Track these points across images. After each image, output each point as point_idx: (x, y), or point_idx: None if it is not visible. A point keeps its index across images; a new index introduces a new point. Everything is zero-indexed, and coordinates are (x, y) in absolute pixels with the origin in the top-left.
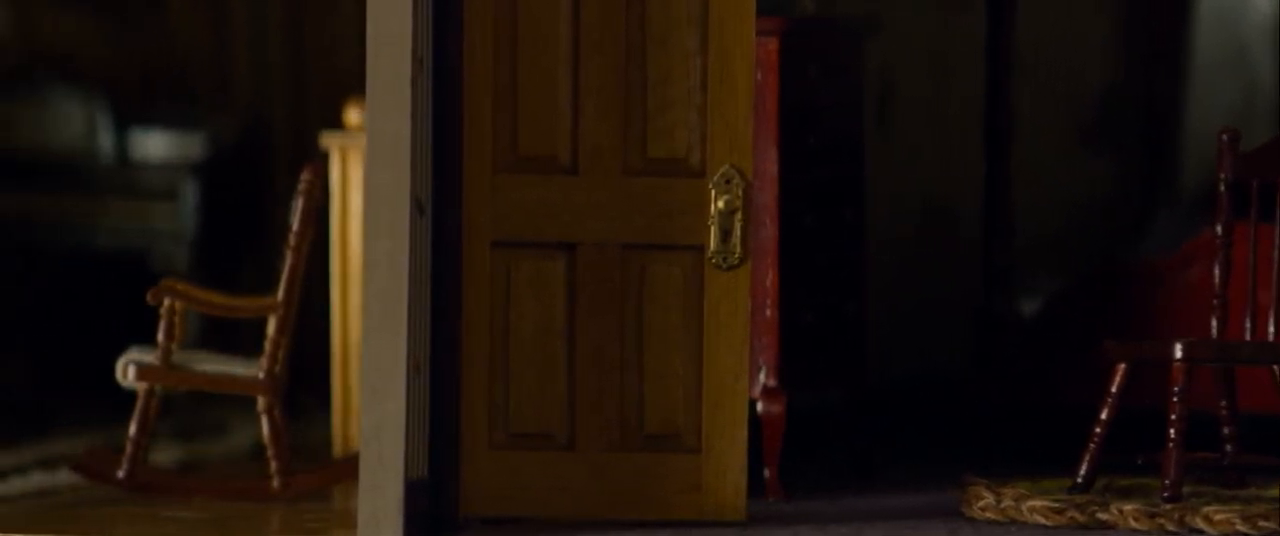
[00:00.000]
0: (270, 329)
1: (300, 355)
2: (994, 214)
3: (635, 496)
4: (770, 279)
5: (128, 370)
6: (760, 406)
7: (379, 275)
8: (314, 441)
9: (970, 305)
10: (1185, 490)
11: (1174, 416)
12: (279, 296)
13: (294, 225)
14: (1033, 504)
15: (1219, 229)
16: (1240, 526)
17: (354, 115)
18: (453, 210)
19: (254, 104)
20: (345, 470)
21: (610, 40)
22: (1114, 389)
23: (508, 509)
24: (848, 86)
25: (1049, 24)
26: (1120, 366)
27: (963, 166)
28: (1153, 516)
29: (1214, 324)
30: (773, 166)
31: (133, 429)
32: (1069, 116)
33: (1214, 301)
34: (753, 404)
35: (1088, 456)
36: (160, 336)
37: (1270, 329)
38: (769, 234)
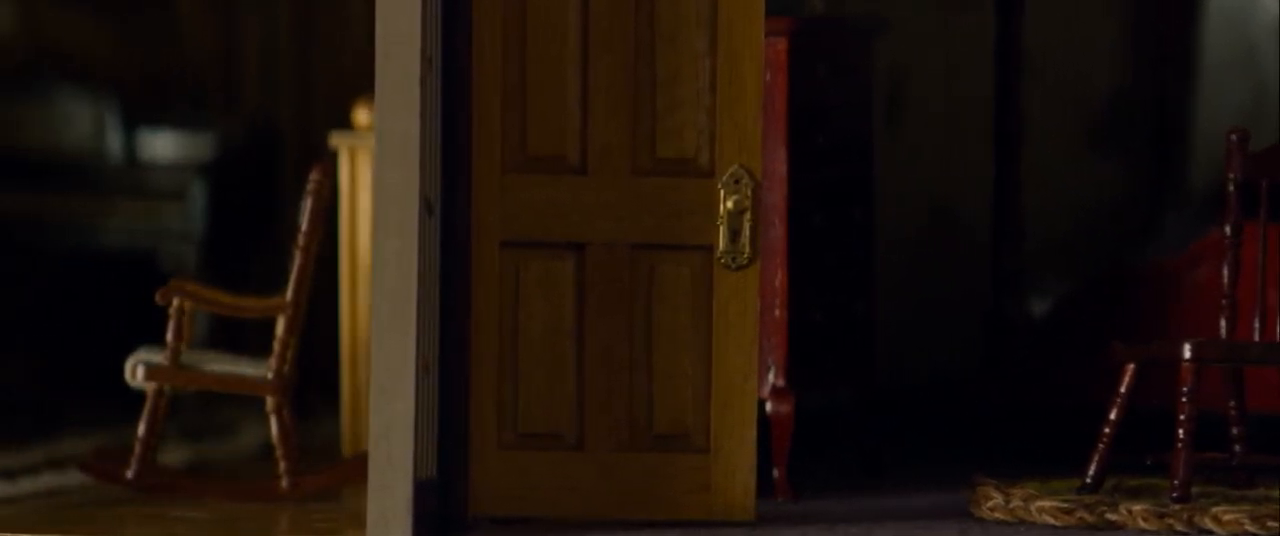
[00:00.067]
0: (279, 329)
1: (309, 355)
2: (1003, 215)
3: (644, 496)
4: (779, 279)
5: (136, 370)
6: (769, 406)
7: (388, 275)
8: (323, 441)
9: (979, 305)
10: (1194, 490)
11: (1183, 417)
12: (288, 296)
13: (303, 225)
14: (1042, 504)
15: (1228, 229)
16: (1249, 526)
17: (363, 115)
18: (462, 210)
19: (263, 104)
20: (354, 470)
21: (619, 40)
22: (1123, 389)
23: (516, 509)
24: (857, 87)
25: (1057, 26)
26: (1129, 367)
27: (972, 167)
28: (1162, 517)
29: (1223, 324)
30: (782, 166)
31: (141, 429)
32: (1078, 118)
33: (1223, 302)
34: (761, 404)
35: (1097, 457)
36: (169, 336)
37: (1279, 329)
38: (778, 234)
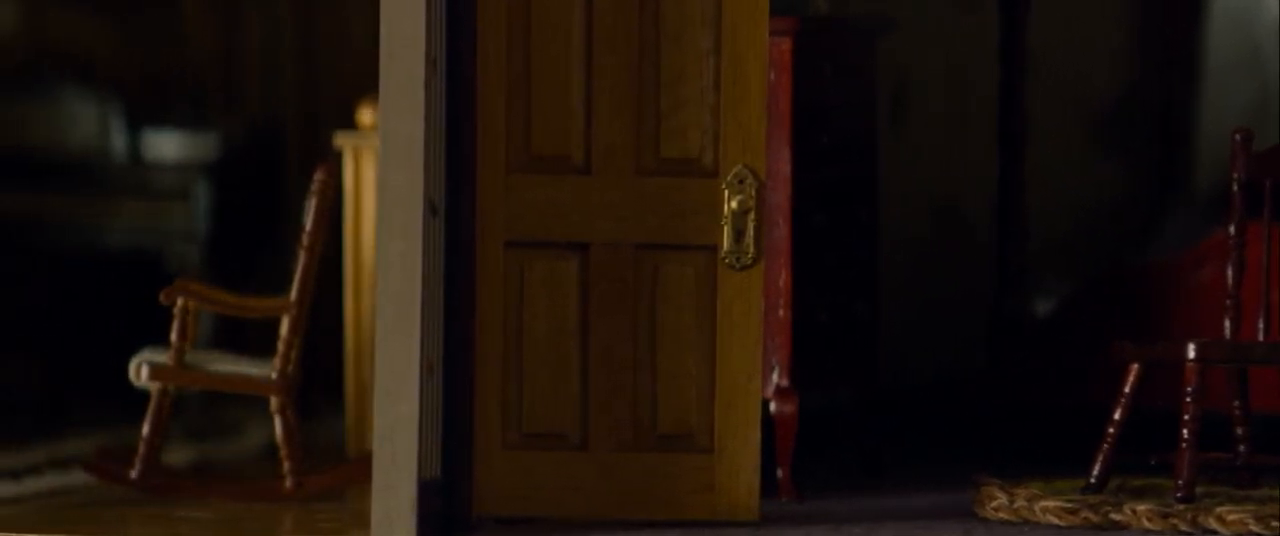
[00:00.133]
0: (283, 329)
1: (313, 355)
2: (1007, 214)
3: (648, 496)
4: (783, 279)
5: (141, 370)
6: (773, 406)
7: (393, 276)
8: (327, 441)
9: (982, 305)
10: (1198, 490)
11: (1187, 417)
12: (292, 296)
13: (307, 225)
14: (1046, 504)
15: (1232, 229)
16: (1253, 526)
17: (367, 116)
18: (466, 211)
19: (267, 104)
20: (358, 470)
21: (623, 40)
22: (1127, 389)
23: (521, 509)
24: (861, 86)
25: (1061, 26)
26: (1133, 367)
27: (975, 167)
28: (1166, 516)
29: (1227, 324)
30: (786, 166)
31: (146, 429)
32: (1081, 119)
33: (1227, 301)
34: (765, 403)
35: (1101, 457)
36: (173, 336)
37: None
38: (782, 234)
